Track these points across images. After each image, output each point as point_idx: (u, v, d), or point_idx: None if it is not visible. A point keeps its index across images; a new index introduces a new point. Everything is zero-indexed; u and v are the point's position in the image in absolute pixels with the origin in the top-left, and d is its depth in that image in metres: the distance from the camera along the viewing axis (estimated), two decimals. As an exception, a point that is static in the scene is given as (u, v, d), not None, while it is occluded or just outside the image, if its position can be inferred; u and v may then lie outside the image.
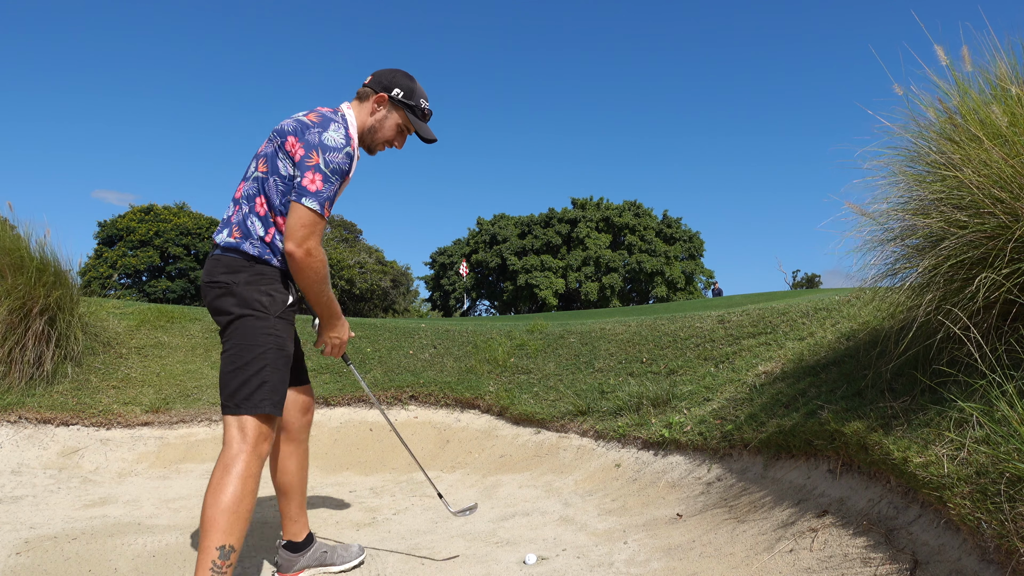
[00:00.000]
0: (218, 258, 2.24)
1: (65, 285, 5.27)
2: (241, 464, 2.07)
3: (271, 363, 2.17)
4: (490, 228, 46.81)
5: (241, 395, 2.12)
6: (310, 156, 2.14)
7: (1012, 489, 1.75)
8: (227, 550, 2.00)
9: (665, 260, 44.08)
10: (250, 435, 2.11)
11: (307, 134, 2.17)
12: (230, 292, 2.18)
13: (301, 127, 2.19)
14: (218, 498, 2.02)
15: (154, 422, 4.83)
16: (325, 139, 2.16)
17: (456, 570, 2.55)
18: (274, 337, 2.19)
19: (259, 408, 2.12)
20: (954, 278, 2.36)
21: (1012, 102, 2.40)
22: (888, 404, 2.53)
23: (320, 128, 2.18)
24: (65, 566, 2.64)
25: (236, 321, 2.18)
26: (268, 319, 2.18)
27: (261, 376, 2.14)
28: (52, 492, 3.85)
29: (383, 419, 5.08)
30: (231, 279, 2.18)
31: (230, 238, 2.22)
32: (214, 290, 2.21)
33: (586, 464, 3.89)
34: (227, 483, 2.04)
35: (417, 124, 2.40)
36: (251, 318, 2.17)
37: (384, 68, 2.43)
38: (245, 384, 2.13)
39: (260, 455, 2.13)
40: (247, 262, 2.20)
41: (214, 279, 2.21)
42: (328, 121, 2.21)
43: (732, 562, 2.35)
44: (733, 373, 4.03)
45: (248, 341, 2.16)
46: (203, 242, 44.76)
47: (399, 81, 2.37)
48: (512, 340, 5.91)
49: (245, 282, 2.18)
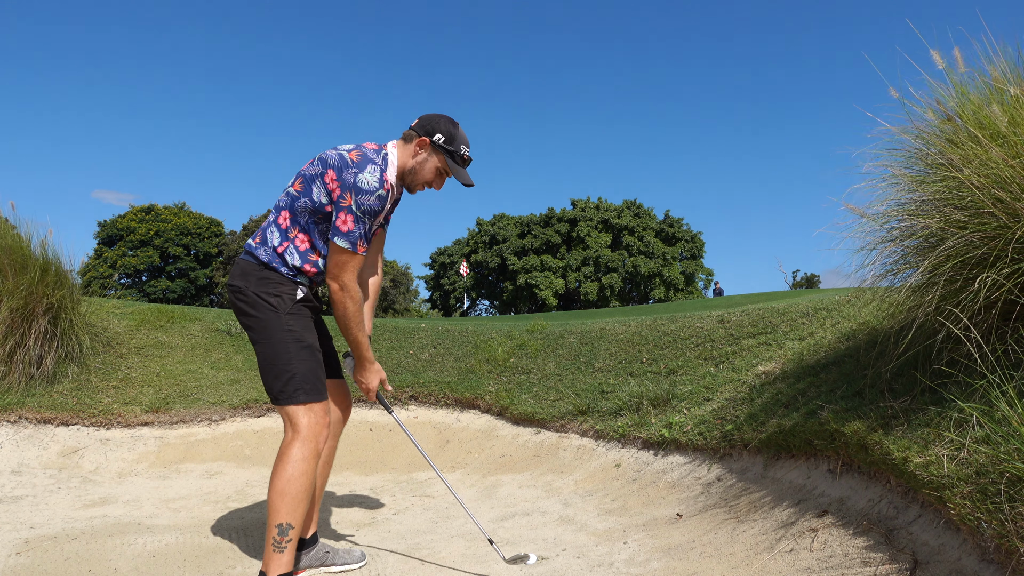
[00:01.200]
0: (237, 262, 2.45)
1: (66, 285, 5.28)
2: (291, 451, 2.29)
3: (294, 356, 2.34)
4: (490, 228, 46.82)
5: (276, 389, 2.33)
6: (344, 197, 2.31)
7: (1012, 489, 1.75)
8: (284, 527, 2.25)
9: (664, 262, 44.08)
10: (296, 424, 2.32)
11: (344, 173, 2.31)
12: (244, 296, 2.37)
13: (342, 164, 2.33)
14: (274, 483, 2.28)
15: (154, 422, 4.83)
16: (359, 181, 2.30)
17: (456, 570, 2.55)
18: (290, 332, 2.36)
19: (294, 399, 2.32)
20: (954, 278, 2.36)
21: (1011, 102, 2.40)
22: (888, 404, 2.53)
23: (357, 169, 2.31)
24: (65, 566, 2.64)
25: (253, 322, 2.37)
26: (280, 316, 2.35)
27: (289, 370, 2.33)
28: (52, 492, 3.85)
29: (383, 419, 5.08)
30: (243, 283, 2.38)
31: (252, 242, 2.44)
32: (231, 293, 2.41)
33: (586, 464, 3.89)
34: (280, 469, 2.28)
35: (455, 169, 2.48)
36: (265, 318, 2.35)
37: (431, 113, 2.51)
38: (277, 379, 2.33)
39: (311, 440, 2.32)
40: (258, 267, 2.39)
41: (231, 282, 2.42)
42: (366, 162, 2.33)
43: (732, 562, 2.35)
44: (733, 373, 4.03)
45: (269, 339, 2.34)
46: (203, 242, 44.78)
47: (442, 127, 2.46)
48: (512, 340, 5.91)
49: (255, 285, 2.37)
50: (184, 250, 44.36)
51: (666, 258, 44.50)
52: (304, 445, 2.30)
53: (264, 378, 2.36)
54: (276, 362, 2.33)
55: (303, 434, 2.31)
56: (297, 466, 2.28)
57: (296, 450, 2.29)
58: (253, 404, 5.10)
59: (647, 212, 46.65)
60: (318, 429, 2.35)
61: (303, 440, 2.31)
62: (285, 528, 2.25)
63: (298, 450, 2.29)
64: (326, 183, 2.33)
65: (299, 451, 2.29)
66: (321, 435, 2.36)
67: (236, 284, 2.39)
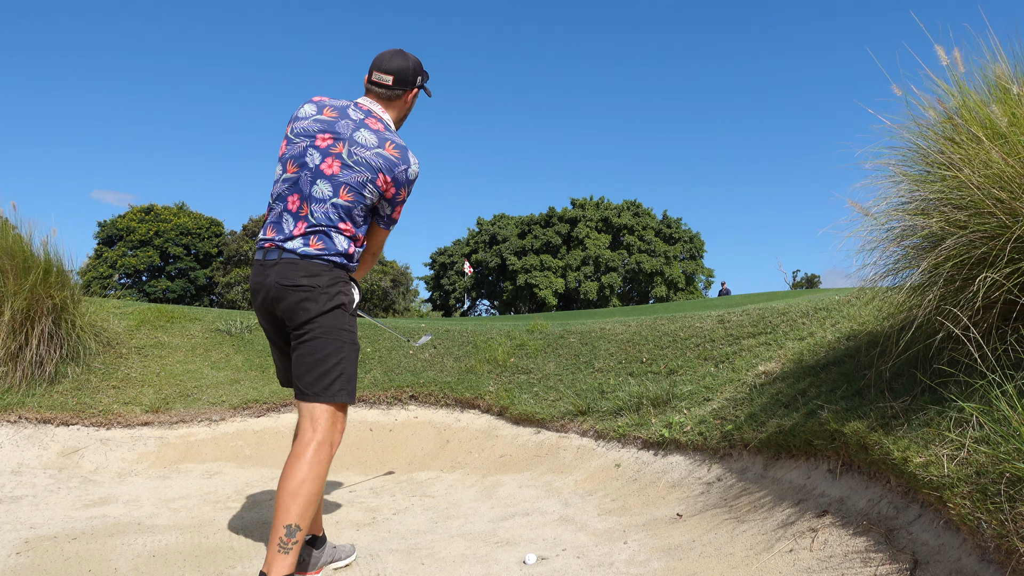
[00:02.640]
0: (294, 262, 2.37)
1: (68, 286, 5.28)
2: (311, 451, 2.27)
3: (347, 355, 2.39)
4: (490, 228, 46.81)
5: (321, 385, 2.33)
6: (400, 193, 2.46)
7: (1012, 489, 1.75)
8: (292, 528, 2.21)
9: (664, 260, 44.07)
10: (321, 424, 2.32)
11: (396, 172, 2.42)
12: (313, 295, 2.36)
13: (389, 165, 2.41)
14: (287, 483, 2.23)
15: (154, 422, 4.83)
16: (410, 175, 2.46)
17: (456, 570, 2.55)
18: (349, 332, 2.41)
19: (336, 397, 2.33)
20: (954, 278, 2.36)
21: (1012, 102, 2.40)
22: (888, 404, 2.53)
23: (406, 165, 2.44)
24: (65, 566, 2.64)
25: (319, 321, 2.36)
26: (346, 315, 2.41)
27: (340, 368, 2.35)
28: (52, 492, 3.85)
29: (383, 419, 5.08)
30: (313, 282, 2.36)
31: (308, 247, 2.38)
32: (298, 291, 2.35)
33: (586, 464, 3.89)
34: (295, 469, 2.24)
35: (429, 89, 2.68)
36: (333, 315, 2.37)
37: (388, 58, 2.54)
38: (326, 375, 2.33)
39: (331, 443, 2.33)
40: (328, 267, 2.40)
41: (295, 283, 2.36)
42: (405, 153, 2.45)
43: (732, 562, 2.35)
44: (733, 373, 4.03)
45: (329, 335, 2.36)
46: (203, 242, 44.78)
47: (417, 69, 2.57)
48: (512, 340, 5.91)
49: (327, 284, 2.37)
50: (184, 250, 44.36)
51: (667, 257, 44.50)
52: (322, 448, 2.30)
53: (309, 372, 2.33)
54: (328, 359, 2.33)
55: (323, 436, 2.30)
56: (313, 468, 2.25)
57: (314, 452, 2.27)
58: (253, 404, 5.10)
59: (647, 212, 46.65)
60: (339, 435, 2.37)
61: (322, 442, 2.30)
62: (293, 530, 2.22)
63: (316, 452, 2.28)
64: (378, 186, 2.41)
65: (317, 453, 2.28)
66: (339, 440, 2.38)
67: (305, 283, 2.35)
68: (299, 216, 2.39)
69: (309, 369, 2.33)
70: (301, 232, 2.38)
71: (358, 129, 2.42)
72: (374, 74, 2.52)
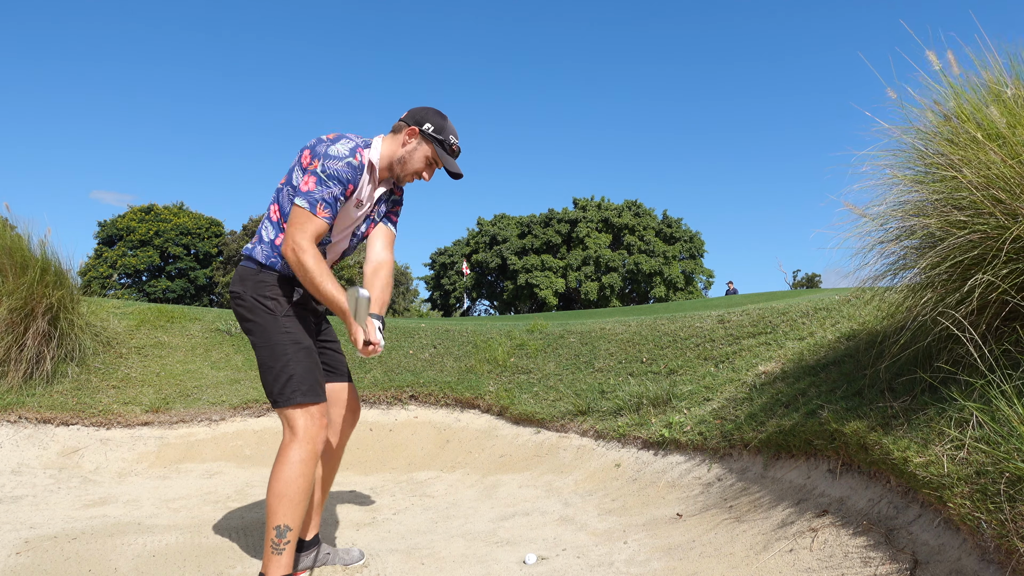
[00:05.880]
0: (237, 268, 2.48)
1: (66, 285, 5.28)
2: (289, 453, 2.29)
3: (292, 357, 2.35)
4: (490, 228, 46.78)
5: (275, 392, 2.33)
6: (312, 163, 2.34)
7: (1012, 489, 1.75)
8: (283, 529, 2.25)
9: (664, 260, 44.05)
10: (293, 426, 2.32)
11: (318, 147, 2.36)
12: (242, 300, 2.41)
13: (316, 142, 2.38)
14: (272, 485, 2.28)
15: (154, 422, 4.83)
16: (330, 150, 2.34)
17: (456, 570, 2.56)
18: (287, 333, 2.38)
19: (291, 400, 2.32)
20: (952, 278, 2.37)
21: (1009, 104, 2.40)
22: (888, 404, 2.53)
23: (330, 142, 2.36)
24: (65, 566, 2.64)
25: (252, 326, 2.40)
26: (277, 319, 2.39)
27: (287, 371, 2.34)
28: (52, 492, 3.85)
29: (383, 419, 5.08)
30: (241, 288, 2.41)
31: (249, 244, 2.48)
32: (232, 299, 2.45)
33: (586, 464, 3.89)
34: (278, 471, 2.29)
35: (445, 158, 2.51)
36: (263, 321, 2.38)
37: (419, 106, 2.58)
38: (275, 381, 2.34)
39: (308, 442, 2.31)
40: (255, 271, 2.42)
41: (231, 288, 2.45)
42: (341, 137, 2.39)
43: (732, 562, 2.35)
44: (733, 373, 4.03)
45: (267, 342, 2.37)
46: (203, 242, 44.77)
47: (431, 118, 2.51)
48: (512, 340, 5.91)
49: (252, 289, 2.40)
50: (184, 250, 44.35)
51: (667, 257, 44.47)
52: (302, 447, 2.30)
53: (264, 381, 2.38)
54: (274, 364, 2.34)
55: (300, 436, 2.31)
56: (295, 468, 2.27)
57: (294, 452, 2.29)
58: (253, 404, 5.10)
59: (647, 212, 46.61)
60: (315, 431, 2.34)
61: (300, 442, 2.30)
62: (283, 530, 2.26)
63: (296, 452, 2.29)
64: (301, 163, 2.37)
65: (297, 453, 2.29)
66: (319, 437, 2.35)
67: (235, 290, 2.42)
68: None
69: (263, 378, 2.37)
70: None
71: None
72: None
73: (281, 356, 2.34)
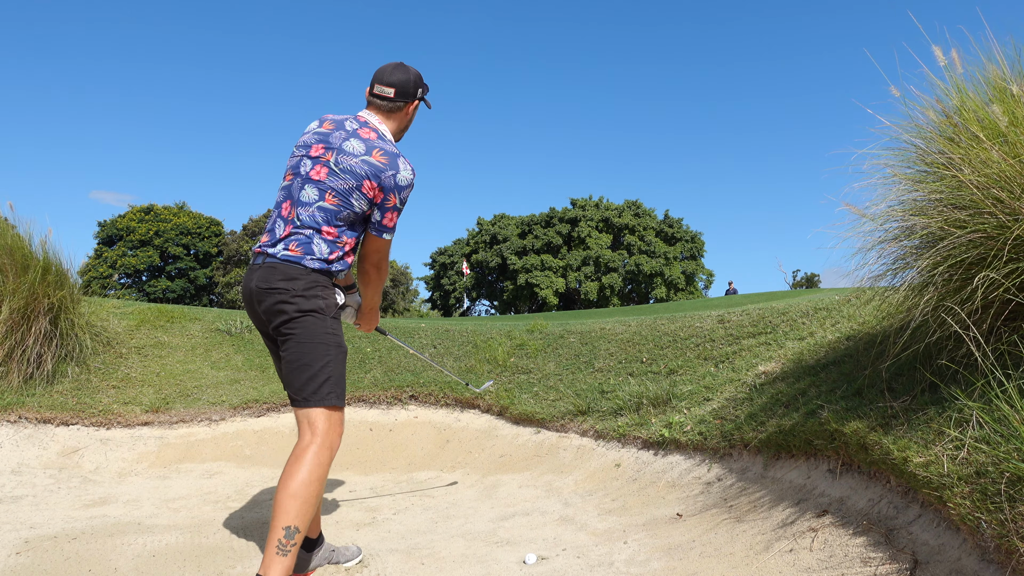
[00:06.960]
0: (274, 266, 2.41)
1: (66, 285, 5.28)
2: (310, 454, 2.27)
3: (333, 358, 2.38)
4: (490, 228, 46.79)
5: (309, 390, 2.33)
6: (388, 199, 2.44)
7: (1012, 489, 1.75)
8: (292, 530, 2.20)
9: (665, 261, 44.04)
10: (319, 427, 2.32)
11: (383, 178, 2.42)
12: (289, 299, 2.37)
13: (375, 171, 2.42)
14: (287, 484, 2.22)
15: (154, 422, 4.83)
16: (399, 180, 2.44)
17: (456, 570, 2.55)
18: (333, 335, 2.41)
19: (325, 400, 2.33)
20: (953, 278, 2.36)
21: (1011, 102, 2.40)
22: (888, 404, 2.53)
23: (393, 170, 2.43)
24: (65, 566, 2.64)
25: (297, 323, 2.37)
26: (326, 319, 2.41)
27: (326, 371, 2.35)
28: (52, 492, 3.85)
29: (383, 419, 5.08)
30: (289, 285, 2.37)
31: (288, 251, 2.41)
32: (274, 295, 2.38)
33: (586, 464, 3.89)
34: (295, 471, 2.24)
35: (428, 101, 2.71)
36: (312, 319, 2.38)
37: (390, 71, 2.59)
38: (312, 380, 2.33)
39: (330, 445, 2.32)
40: (305, 271, 2.40)
41: (273, 285, 2.38)
42: (394, 159, 2.45)
43: (732, 562, 2.35)
44: (733, 373, 4.03)
45: (311, 339, 2.36)
46: (203, 242, 44.80)
47: (418, 82, 2.61)
48: (512, 340, 5.91)
49: (304, 288, 2.38)
50: (184, 250, 44.37)
51: (667, 257, 44.46)
52: (322, 450, 2.29)
53: (295, 377, 2.35)
54: (314, 363, 2.34)
55: (322, 439, 2.30)
56: (314, 471, 2.25)
57: (313, 454, 2.27)
58: (253, 404, 5.10)
59: (648, 212, 46.59)
60: (336, 435, 2.36)
61: (322, 445, 2.30)
62: (292, 531, 2.20)
63: (315, 454, 2.27)
64: (364, 193, 2.41)
65: (316, 455, 2.28)
66: (338, 442, 2.37)
67: (282, 286, 2.37)
68: (288, 220, 2.45)
69: (296, 375, 2.35)
70: (285, 235, 2.42)
71: (348, 139, 2.47)
72: (376, 87, 2.57)
73: (323, 356, 2.35)
